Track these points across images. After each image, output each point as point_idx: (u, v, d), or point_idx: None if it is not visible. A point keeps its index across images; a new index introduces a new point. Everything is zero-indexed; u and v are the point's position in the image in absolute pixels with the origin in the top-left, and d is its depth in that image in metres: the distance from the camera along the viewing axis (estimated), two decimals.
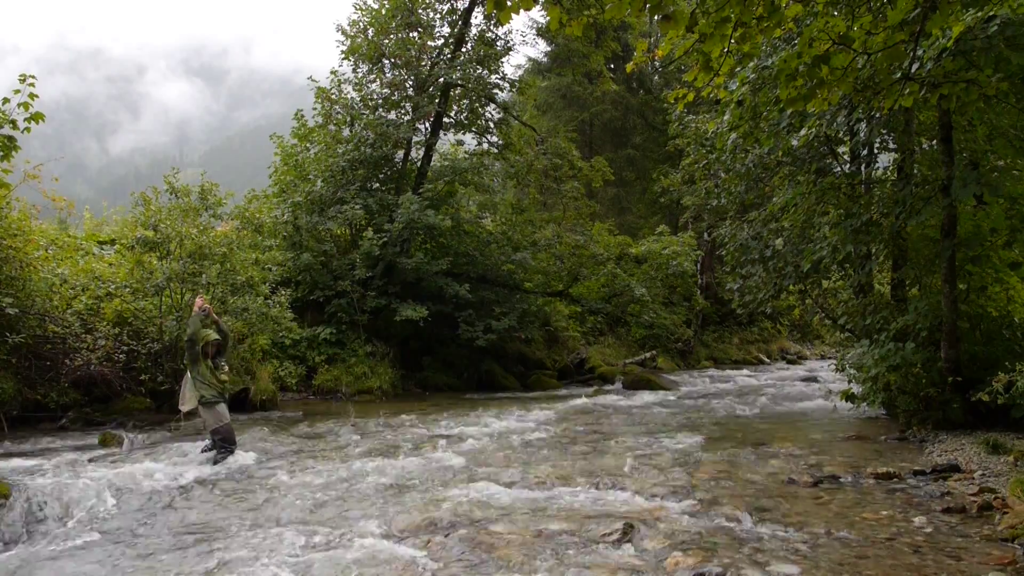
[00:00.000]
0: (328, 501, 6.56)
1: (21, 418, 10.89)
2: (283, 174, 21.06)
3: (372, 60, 20.82)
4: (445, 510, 6.05)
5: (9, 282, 11.28)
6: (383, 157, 20.59)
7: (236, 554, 5.08)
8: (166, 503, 6.48)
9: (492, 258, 21.25)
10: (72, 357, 11.72)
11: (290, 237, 19.03)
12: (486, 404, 14.93)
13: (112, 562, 5.06)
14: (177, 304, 13.03)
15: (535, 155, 21.92)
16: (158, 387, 12.75)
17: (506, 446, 9.48)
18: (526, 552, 5.00)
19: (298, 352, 17.16)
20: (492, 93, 21.61)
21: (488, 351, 19.64)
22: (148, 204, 13.52)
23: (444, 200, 20.90)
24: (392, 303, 18.40)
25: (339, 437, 10.40)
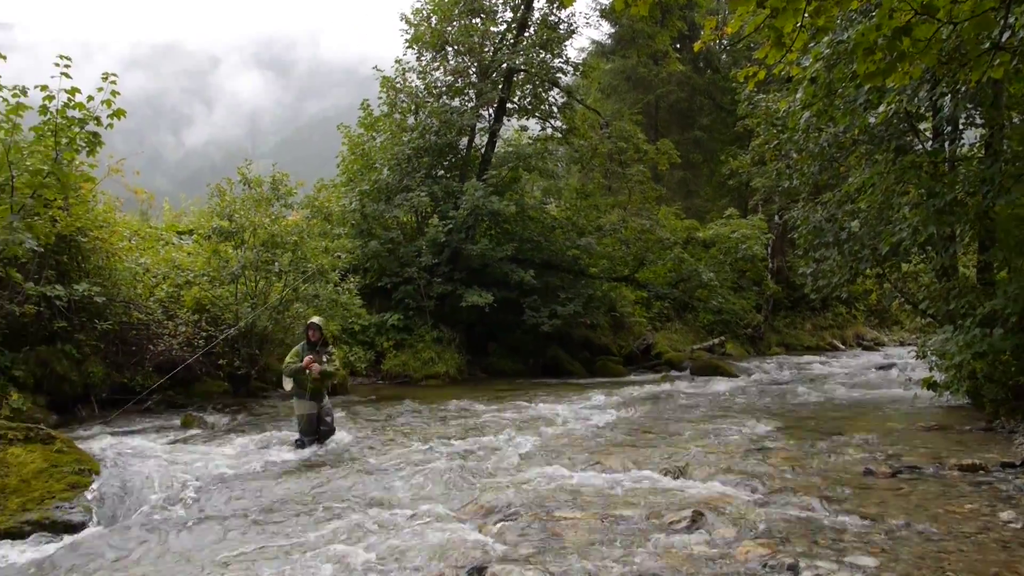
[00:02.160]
0: (397, 484, 6.69)
1: (110, 400, 11.45)
2: (350, 163, 21.43)
3: (436, 48, 20.92)
4: (512, 494, 6.09)
5: (96, 271, 11.85)
6: (447, 144, 20.72)
7: (312, 532, 5.23)
8: (244, 483, 6.71)
9: (557, 243, 21.18)
10: (155, 342, 12.25)
11: (358, 225, 19.39)
12: (552, 389, 14.94)
13: (193, 538, 5.28)
14: (252, 291, 13.45)
15: (599, 139, 21.68)
16: (235, 371, 13.22)
17: (572, 431, 9.48)
18: (593, 537, 4.99)
19: (367, 338, 17.50)
20: (555, 77, 21.45)
21: (553, 337, 19.62)
22: (223, 195, 13.99)
23: (508, 186, 20.91)
24: (458, 289, 18.54)
25: (407, 421, 10.58)
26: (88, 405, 11.07)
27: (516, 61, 20.14)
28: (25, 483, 5.74)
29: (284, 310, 13.69)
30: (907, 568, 4.33)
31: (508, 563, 4.50)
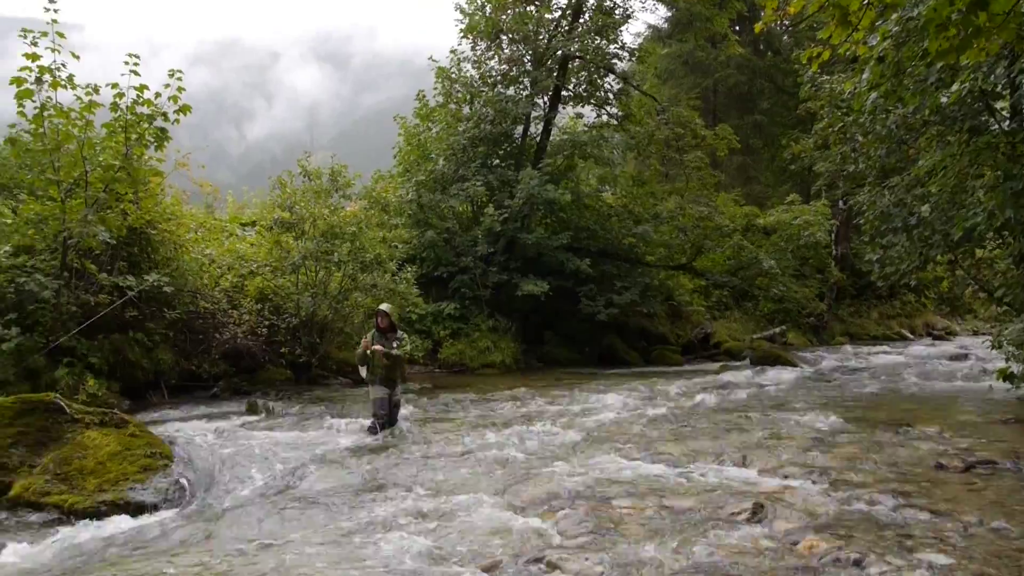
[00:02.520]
0: (455, 471, 6.75)
1: (179, 387, 11.87)
2: (407, 154, 21.62)
3: (490, 37, 20.89)
4: (569, 483, 6.08)
5: (165, 262, 12.27)
6: (502, 133, 20.72)
7: (370, 517, 5.32)
8: (305, 467, 6.87)
9: (613, 232, 21.01)
10: (221, 331, 12.64)
11: (414, 215, 19.58)
12: (608, 379, 14.85)
13: (257, 520, 5.43)
14: (312, 281, 13.74)
15: (656, 125, 21.34)
16: (296, 359, 13.55)
17: (629, 421, 9.40)
18: (651, 527, 4.95)
19: (424, 326, 17.69)
20: (611, 63, 21.19)
21: (609, 326, 19.50)
22: (284, 187, 14.30)
23: (563, 174, 20.81)
24: (513, 278, 18.57)
25: (464, 409, 10.67)
26: (158, 391, 11.50)
27: (571, 48, 19.97)
28: (101, 465, 5.99)
29: (343, 299, 13.94)
30: (981, 567, 4.16)
31: (565, 551, 4.49)
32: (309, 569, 4.31)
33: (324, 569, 4.31)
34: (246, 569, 4.37)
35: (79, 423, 6.42)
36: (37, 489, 5.70)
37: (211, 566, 4.43)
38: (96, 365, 10.54)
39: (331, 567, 4.35)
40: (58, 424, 6.38)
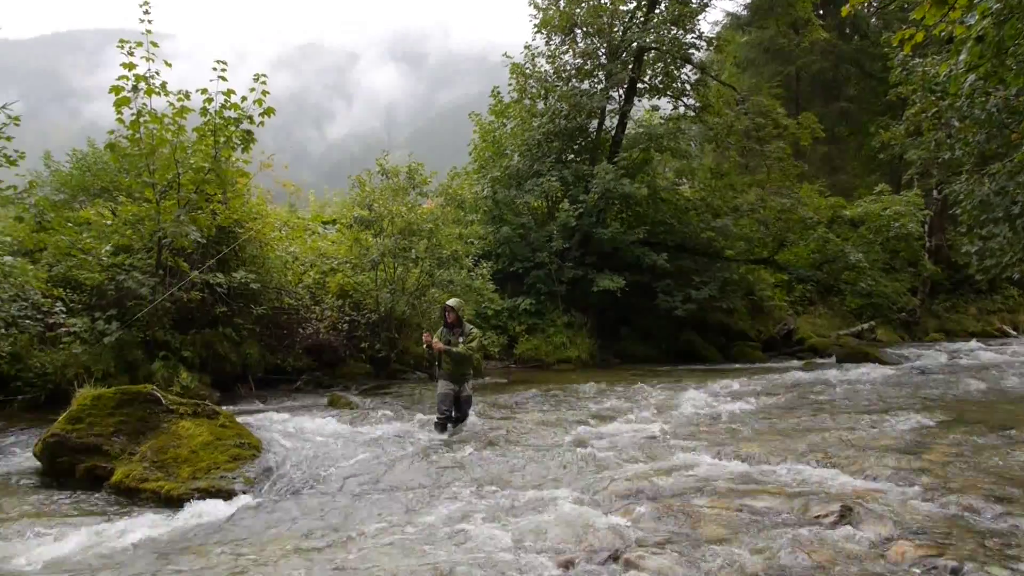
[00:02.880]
0: (532, 465, 6.76)
1: (264, 380, 12.31)
2: (482, 150, 21.77)
3: (564, 31, 20.78)
4: (646, 480, 5.99)
5: (252, 260, 12.75)
6: (577, 128, 20.62)
7: (447, 510, 5.39)
8: (384, 460, 7.01)
9: (691, 226, 20.63)
10: (304, 326, 13.06)
11: (490, 211, 19.71)
12: (686, 375, 14.59)
13: (337, 511, 5.58)
14: (390, 277, 14.01)
15: (735, 115, 20.77)
16: (376, 354, 13.85)
17: (708, 418, 9.21)
18: (731, 527, 4.83)
19: (499, 322, 17.79)
20: (688, 54, 20.75)
21: (687, 321, 19.17)
22: (363, 186, 14.63)
23: (639, 168, 20.55)
24: (589, 274, 18.48)
25: (540, 405, 10.68)
26: (245, 384, 11.96)
27: (646, 39, 19.67)
28: (194, 454, 6.27)
29: (420, 295, 14.17)
30: None
31: (643, 549, 4.43)
32: (389, 559, 4.40)
33: (403, 559, 4.39)
34: (329, 557, 4.49)
35: (174, 413, 6.74)
36: (136, 476, 6.02)
37: (296, 554, 4.58)
38: (189, 359, 11.05)
39: (410, 557, 4.42)
40: (155, 414, 6.72)
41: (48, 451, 6.46)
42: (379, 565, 4.32)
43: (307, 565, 4.36)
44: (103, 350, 10.11)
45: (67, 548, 4.60)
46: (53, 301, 10.43)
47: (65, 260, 10.92)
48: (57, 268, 10.88)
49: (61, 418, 6.63)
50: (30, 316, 10.01)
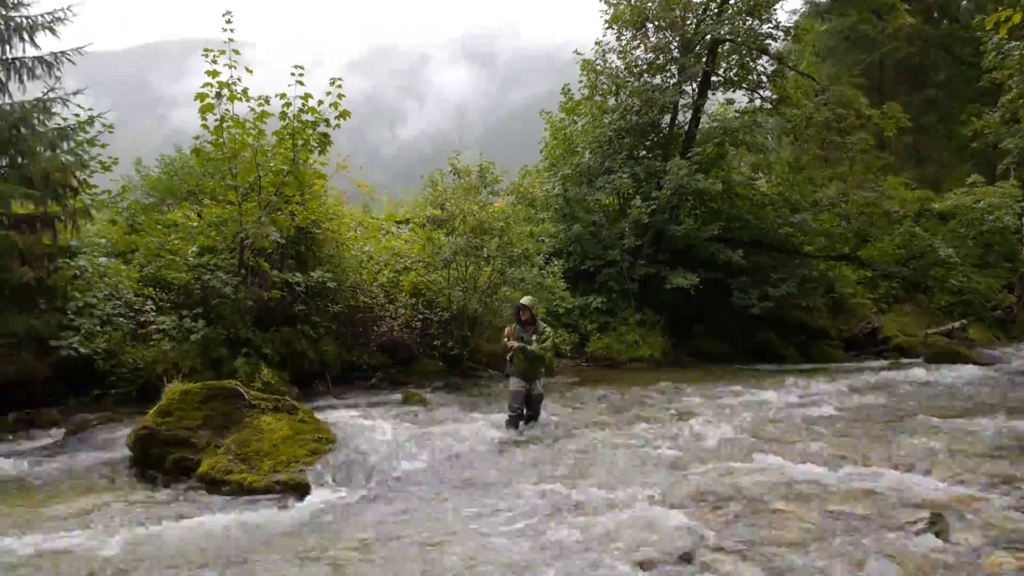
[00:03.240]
0: (604, 464, 6.70)
1: (341, 377, 12.61)
2: (553, 148, 21.72)
3: (635, 25, 20.51)
4: (722, 482, 5.87)
5: (328, 259, 13.08)
6: (649, 123, 20.34)
7: (517, 508, 5.39)
8: (457, 457, 7.09)
9: (767, 221, 20.09)
10: (378, 324, 13.32)
11: (561, 209, 19.66)
12: (763, 375, 14.22)
13: (411, 505, 5.66)
14: (463, 276, 14.14)
15: (815, 107, 20.05)
16: (448, 352, 14.01)
17: (786, 420, 8.94)
18: (813, 533, 4.67)
19: (571, 320, 17.72)
20: (764, 44, 20.15)
21: (764, 319, 18.68)
22: (435, 185, 14.83)
23: (714, 163, 20.12)
24: (662, 271, 18.23)
25: (612, 403, 10.59)
26: (323, 380, 12.27)
27: (721, 31, 19.22)
28: (275, 447, 6.48)
29: (492, 293, 14.25)
30: None
31: (719, 552, 4.34)
32: (463, 555, 4.44)
33: (477, 556, 4.42)
34: (404, 550, 4.56)
35: (256, 408, 6.98)
36: (221, 468, 6.25)
37: (372, 546, 4.67)
38: (269, 356, 11.43)
39: (484, 553, 4.45)
40: (238, 409, 6.97)
41: (140, 443, 6.78)
42: (453, 561, 4.36)
43: (382, 559, 4.44)
44: (190, 347, 10.56)
45: (158, 537, 4.82)
46: (144, 300, 10.96)
47: (155, 261, 11.45)
48: (147, 268, 11.42)
49: (151, 412, 6.95)
50: (123, 314, 10.55)
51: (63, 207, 9.89)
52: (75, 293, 10.24)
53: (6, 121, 9.35)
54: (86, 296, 10.31)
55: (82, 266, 10.57)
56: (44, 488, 6.20)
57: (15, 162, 9.48)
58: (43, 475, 6.73)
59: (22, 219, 9.62)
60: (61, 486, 6.26)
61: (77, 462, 7.26)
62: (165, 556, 4.48)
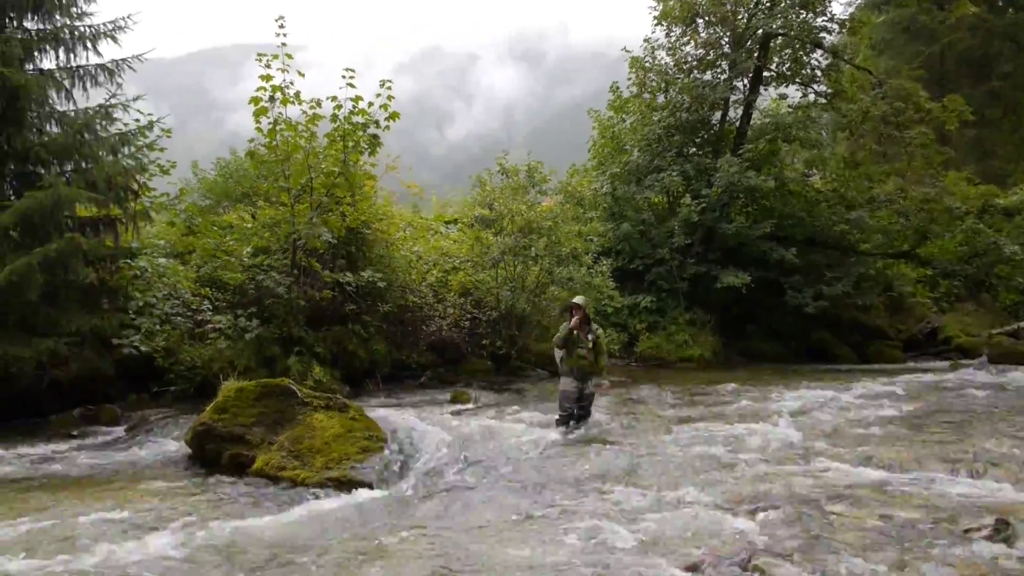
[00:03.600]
0: (654, 465, 6.63)
1: (391, 375, 12.77)
2: (601, 147, 21.60)
3: (685, 21, 20.26)
4: (776, 485, 5.75)
5: (378, 260, 13.25)
6: (699, 120, 20.09)
7: (568, 508, 5.38)
8: (506, 456, 7.09)
9: (822, 219, 19.66)
10: (428, 323, 13.44)
11: (609, 208, 19.55)
12: (817, 376, 13.89)
13: (461, 504, 5.69)
14: (511, 275, 14.17)
15: (871, 101, 19.50)
16: (496, 351, 14.06)
17: (843, 422, 8.71)
18: (870, 538, 4.54)
19: (620, 320, 17.61)
20: (818, 38, 19.68)
21: (818, 319, 18.29)
22: (483, 185, 14.89)
23: (766, 160, 19.75)
24: (712, 270, 17.99)
25: (661, 404, 10.48)
26: (373, 379, 12.44)
27: (773, 25, 18.85)
28: (327, 445, 6.58)
29: (540, 293, 14.25)
30: None
31: (774, 556, 4.25)
32: (511, 554, 4.44)
33: (526, 555, 4.41)
34: (454, 548, 4.59)
35: (308, 406, 7.11)
36: (275, 464, 6.39)
37: (422, 544, 4.70)
38: (321, 354, 11.63)
39: (534, 552, 4.44)
40: (291, 407, 7.11)
41: (197, 439, 6.97)
42: (502, 560, 4.36)
43: (432, 557, 4.47)
44: (245, 346, 10.81)
45: (214, 531, 4.94)
46: (201, 300, 11.26)
47: (211, 261, 11.76)
48: (204, 269, 11.74)
49: (208, 409, 7.13)
50: (181, 313, 10.86)
51: (124, 210, 10.23)
52: (136, 293, 10.59)
53: (71, 127, 9.72)
54: (146, 296, 10.65)
55: (142, 267, 10.93)
56: (106, 481, 6.42)
57: (79, 167, 9.84)
58: (106, 469, 6.99)
59: (86, 222, 9.99)
60: (122, 480, 6.48)
61: (137, 457, 7.51)
62: (220, 549, 4.58)
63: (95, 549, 4.49)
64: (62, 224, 9.38)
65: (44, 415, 9.32)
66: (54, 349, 8.88)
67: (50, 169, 9.48)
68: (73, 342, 9.21)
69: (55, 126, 9.89)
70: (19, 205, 8.77)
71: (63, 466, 7.09)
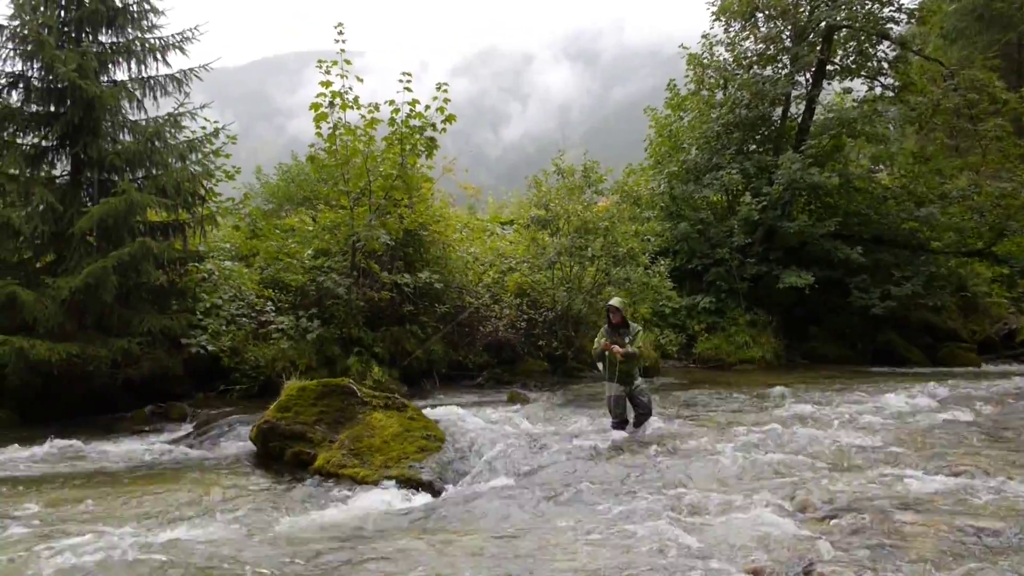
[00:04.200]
0: (714, 468, 6.51)
1: (448, 375, 12.86)
2: (658, 146, 21.38)
3: (745, 16, 19.89)
4: (844, 491, 5.56)
5: (435, 261, 13.37)
6: (759, 117, 19.70)
7: (626, 511, 5.31)
8: (563, 457, 7.05)
9: (889, 216, 19.02)
10: (484, 324, 13.49)
11: (667, 207, 19.32)
12: (885, 379, 13.43)
13: (518, 505, 5.68)
14: (567, 276, 14.12)
15: (942, 92, 18.77)
16: (553, 352, 14.03)
17: (914, 427, 8.39)
18: (944, 549, 4.35)
19: (678, 320, 17.39)
20: (885, 29, 19.06)
21: (886, 320, 17.72)
22: (539, 186, 14.87)
23: (829, 156, 19.25)
24: (773, 270, 17.60)
25: (721, 406, 10.28)
26: (430, 379, 12.55)
27: (837, 17, 18.33)
28: (386, 443, 6.67)
29: (597, 293, 14.15)
30: None
31: (838, 565, 4.11)
32: (569, 557, 4.41)
33: (584, 558, 4.38)
34: (510, 549, 4.58)
35: (368, 405, 7.21)
36: (336, 462, 6.50)
37: (480, 544, 4.71)
38: (380, 354, 11.79)
39: (591, 556, 4.40)
40: (351, 405, 7.23)
41: (261, 436, 7.15)
42: (560, 563, 4.34)
43: (490, 557, 4.47)
44: (306, 346, 11.05)
45: (277, 526, 5.05)
46: (264, 301, 11.56)
47: (274, 264, 12.06)
48: (267, 271, 12.04)
49: (272, 407, 7.31)
50: (246, 314, 11.17)
51: (192, 214, 10.57)
52: (203, 295, 10.94)
53: (143, 135, 10.10)
54: (213, 297, 10.99)
55: (209, 269, 11.27)
56: (178, 475, 6.64)
57: (150, 173, 10.22)
58: (177, 463, 7.23)
59: (156, 226, 10.36)
60: (193, 474, 6.68)
61: (206, 453, 7.76)
62: (280, 541, 4.68)
63: (166, 534, 4.68)
64: (134, 228, 9.76)
65: (118, 411, 9.72)
66: (128, 348, 9.25)
67: (123, 176, 9.87)
68: (145, 342, 9.56)
69: (127, 135, 10.28)
70: (95, 211, 9.15)
71: (138, 460, 7.37)
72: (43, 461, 7.26)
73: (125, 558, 4.14)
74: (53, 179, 10.01)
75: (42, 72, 9.67)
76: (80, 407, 9.52)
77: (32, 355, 8.36)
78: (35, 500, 5.64)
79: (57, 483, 6.28)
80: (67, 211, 9.41)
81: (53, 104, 9.86)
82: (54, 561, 4.11)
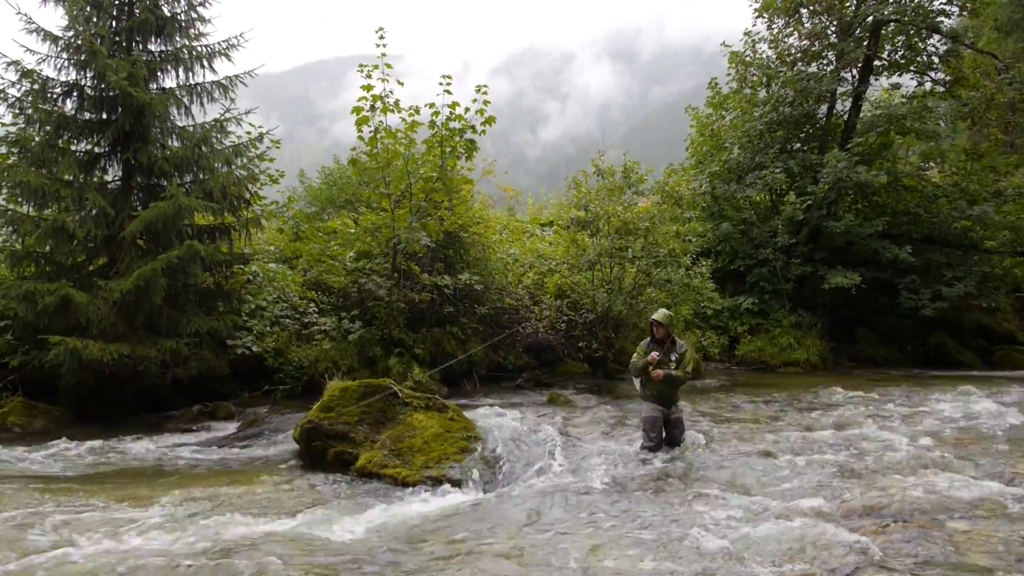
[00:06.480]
0: (759, 473, 6.40)
1: (488, 376, 12.89)
2: (699, 145, 21.13)
3: (788, 12, 19.54)
4: (894, 497, 5.42)
5: (475, 263, 13.43)
6: (804, 115, 19.34)
7: (666, 516, 5.25)
8: (602, 462, 7.01)
9: (940, 215, 18.49)
10: (524, 326, 13.49)
11: (708, 207, 19.09)
12: (937, 382, 13.05)
13: (557, 508, 5.65)
14: (607, 277, 14.04)
15: (996, 87, 18.19)
16: (593, 353, 13.96)
17: (967, 432, 8.14)
18: (1002, 557, 4.21)
19: (720, 322, 17.16)
20: (935, 22, 18.53)
21: (937, 322, 17.23)
22: (579, 187, 14.81)
23: (877, 153, 18.80)
24: (818, 270, 17.26)
25: (764, 410, 10.11)
26: (470, 380, 12.59)
27: (885, 11, 17.89)
28: (426, 444, 6.70)
29: (637, 295, 14.04)
30: None
31: (888, 572, 4.01)
32: (609, 562, 4.38)
33: (624, 563, 4.34)
34: (550, 552, 4.56)
35: (408, 406, 7.26)
36: (377, 462, 6.55)
37: (519, 545, 4.71)
38: (420, 355, 11.88)
39: (631, 560, 4.36)
40: (392, 406, 7.28)
41: (305, 436, 7.24)
42: (600, 567, 4.31)
43: (528, 559, 4.46)
44: (348, 347, 11.19)
45: (321, 524, 5.11)
46: (307, 303, 11.73)
47: (316, 266, 12.23)
48: (310, 273, 12.23)
49: (315, 407, 7.41)
50: (289, 316, 11.36)
51: (238, 217, 10.78)
52: (248, 296, 11.15)
53: (190, 141, 10.34)
54: (257, 299, 11.20)
55: (254, 271, 11.49)
56: (224, 472, 6.78)
57: (197, 178, 10.45)
58: (223, 461, 7.38)
59: (203, 229, 10.60)
60: (238, 472, 6.82)
61: (251, 451, 7.90)
62: (323, 540, 4.74)
63: (211, 528, 4.77)
64: (182, 232, 9.99)
65: (167, 410, 9.97)
66: (176, 349, 9.47)
67: (171, 181, 10.11)
68: (192, 342, 9.78)
69: (176, 140, 10.53)
70: (145, 214, 9.40)
71: (186, 457, 7.55)
72: (94, 455, 7.48)
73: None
74: (105, 184, 10.30)
75: (95, 80, 9.97)
76: (130, 406, 9.80)
77: (85, 355, 8.61)
78: (105, 495, 5.82)
79: (126, 477, 6.46)
80: (118, 215, 9.68)
81: (105, 111, 10.15)
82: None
